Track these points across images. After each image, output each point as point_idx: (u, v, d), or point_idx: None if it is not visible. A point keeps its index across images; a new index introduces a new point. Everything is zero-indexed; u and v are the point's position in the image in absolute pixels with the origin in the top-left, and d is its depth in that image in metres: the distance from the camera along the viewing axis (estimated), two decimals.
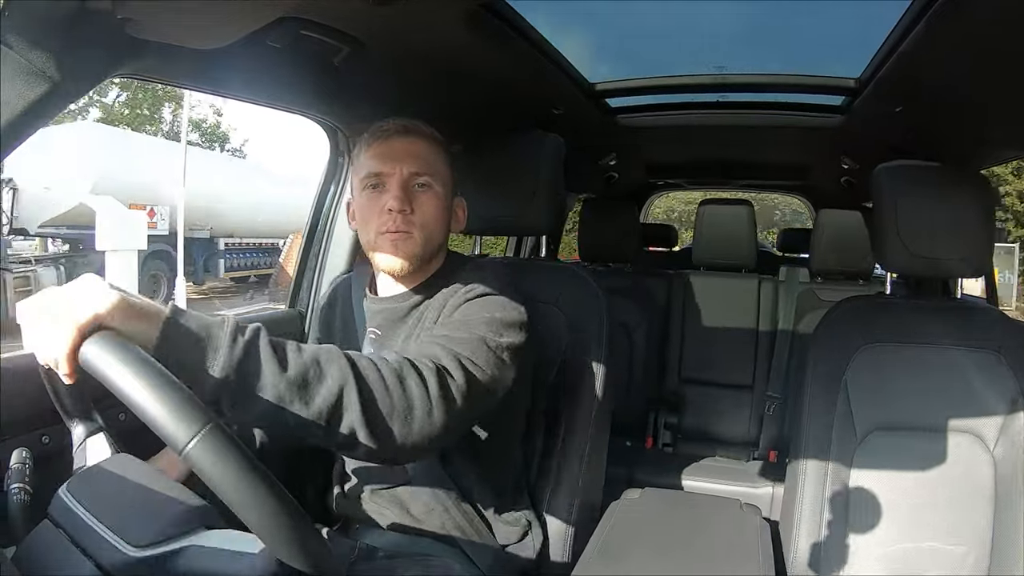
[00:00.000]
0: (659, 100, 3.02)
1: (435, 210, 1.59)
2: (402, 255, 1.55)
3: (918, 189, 1.81)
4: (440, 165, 1.62)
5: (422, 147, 1.60)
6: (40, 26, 1.13)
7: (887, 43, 1.99)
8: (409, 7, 1.57)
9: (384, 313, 1.66)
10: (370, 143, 1.60)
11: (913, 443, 1.76)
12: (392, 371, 1.19)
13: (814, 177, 4.21)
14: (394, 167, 1.55)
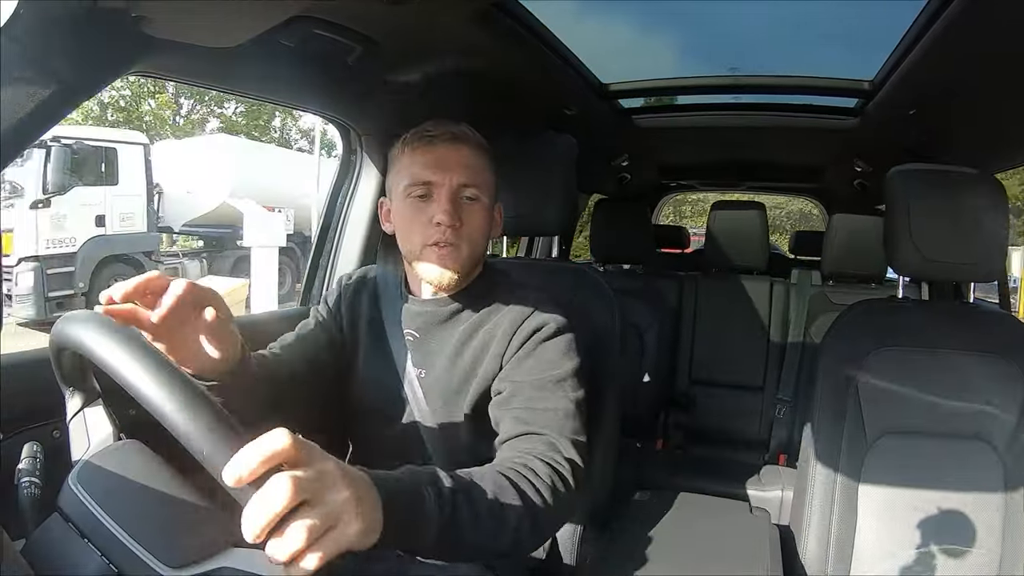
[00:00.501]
0: (671, 101, 3.02)
1: (482, 222, 1.54)
2: (451, 269, 1.50)
3: (931, 192, 1.79)
4: (487, 174, 1.56)
5: (471, 156, 1.53)
6: (54, 24, 1.13)
7: (901, 45, 1.98)
8: (422, 6, 1.57)
9: (424, 316, 1.62)
10: (415, 147, 1.53)
11: (923, 448, 1.75)
12: (548, 487, 1.23)
13: (827, 179, 4.20)
14: (443, 177, 1.49)
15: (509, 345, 1.51)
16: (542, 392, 1.43)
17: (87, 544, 0.92)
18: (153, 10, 1.21)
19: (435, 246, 1.49)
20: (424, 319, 1.62)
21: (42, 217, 11.04)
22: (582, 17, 2.24)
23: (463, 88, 2.20)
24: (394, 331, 1.65)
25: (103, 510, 0.94)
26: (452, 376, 1.56)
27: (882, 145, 2.93)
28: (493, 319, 1.56)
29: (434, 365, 1.59)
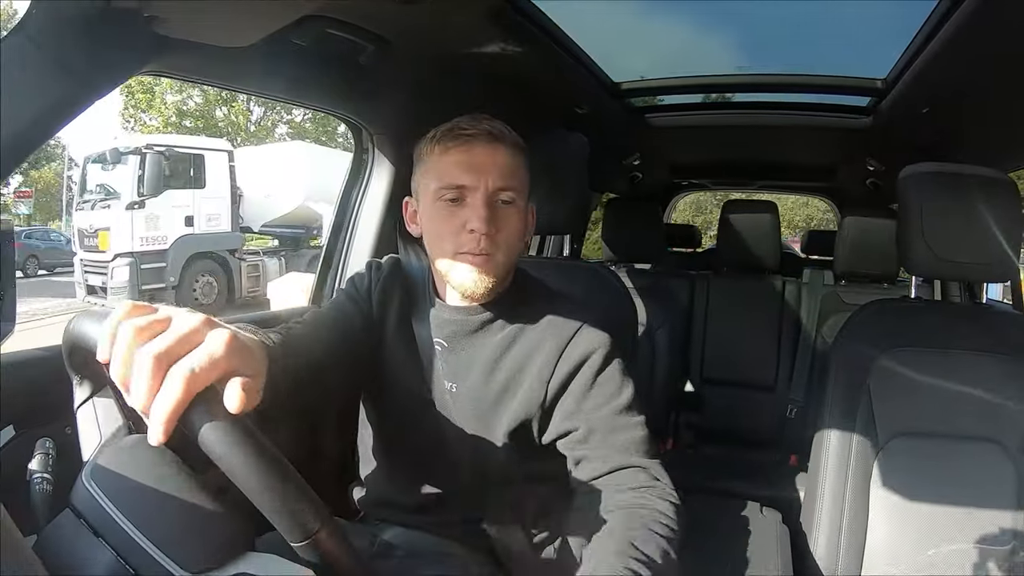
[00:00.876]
0: (683, 100, 3.01)
1: (519, 227, 1.44)
2: (485, 279, 1.41)
3: (944, 191, 1.78)
4: (523, 175, 1.46)
5: (508, 156, 1.42)
6: (67, 24, 1.14)
7: (914, 43, 1.97)
8: (434, 5, 1.58)
9: (453, 325, 1.52)
10: (448, 146, 1.42)
11: (935, 450, 1.74)
12: (674, 523, 1.27)
13: (839, 179, 4.18)
14: (479, 180, 1.38)
15: (555, 372, 1.44)
16: (615, 422, 1.41)
17: (99, 541, 0.92)
18: (165, 10, 1.22)
19: (468, 254, 1.39)
20: (453, 328, 1.52)
21: (137, 217, 12.34)
22: (593, 16, 2.23)
23: (475, 86, 2.20)
24: (422, 336, 1.57)
25: (117, 509, 0.94)
26: (487, 392, 1.49)
27: (895, 144, 2.91)
28: (530, 334, 1.49)
29: (466, 379, 1.51)
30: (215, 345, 0.82)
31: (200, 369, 0.79)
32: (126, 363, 0.79)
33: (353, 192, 2.42)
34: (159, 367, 0.78)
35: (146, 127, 26.69)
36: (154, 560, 0.91)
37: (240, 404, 0.81)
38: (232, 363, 0.83)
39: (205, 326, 0.84)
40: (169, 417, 0.77)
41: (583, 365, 1.43)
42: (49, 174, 34.00)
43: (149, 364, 0.77)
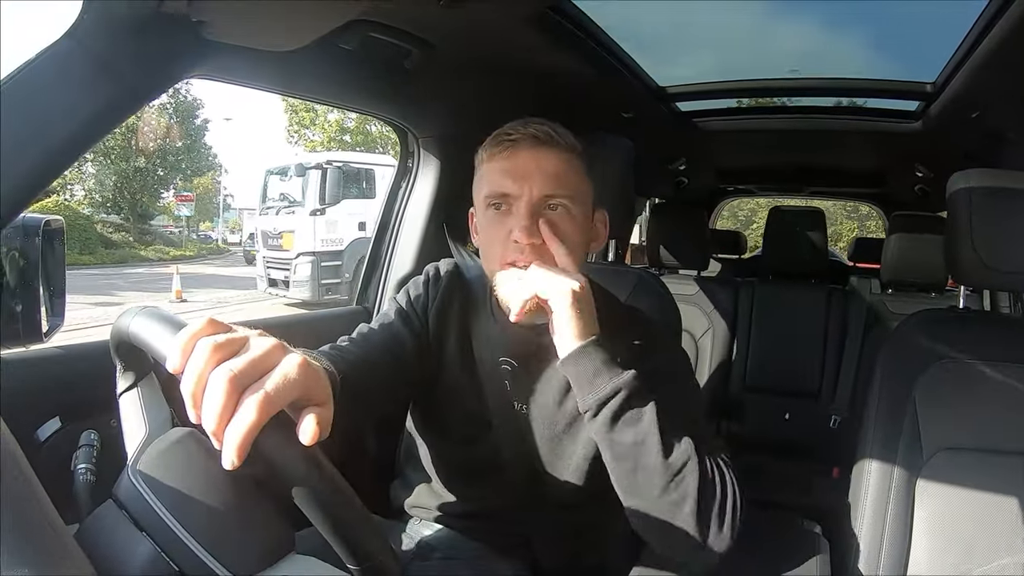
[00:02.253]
0: (730, 104, 2.99)
1: (570, 236, 1.34)
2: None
3: (994, 199, 1.74)
4: (577, 179, 1.39)
5: (556, 161, 1.36)
6: (117, 28, 1.17)
7: (962, 47, 1.94)
8: (477, 9, 1.58)
9: (521, 346, 1.47)
10: (494, 152, 1.38)
11: (982, 465, 1.69)
12: (719, 468, 1.32)
13: (887, 184, 4.13)
14: (522, 187, 1.33)
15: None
16: (686, 413, 1.36)
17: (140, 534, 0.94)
18: (213, 14, 1.24)
19: (512, 266, 1.33)
20: (521, 349, 1.48)
21: (319, 222, 14.24)
22: (638, 19, 2.23)
23: (519, 91, 2.21)
24: (486, 354, 1.52)
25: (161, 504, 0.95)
26: (559, 417, 1.46)
27: (944, 150, 2.87)
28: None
29: (536, 401, 1.47)
30: (290, 370, 0.81)
31: (275, 393, 0.79)
32: (200, 380, 0.79)
33: (399, 194, 2.44)
34: (234, 389, 0.77)
35: (309, 142, 29.12)
36: (197, 558, 0.92)
37: (314, 436, 0.80)
38: (305, 389, 0.83)
39: (279, 350, 0.83)
40: (243, 442, 0.76)
41: (652, 378, 1.32)
42: (207, 180, 35.73)
43: (224, 385, 0.77)
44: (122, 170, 29.72)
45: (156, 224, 33.64)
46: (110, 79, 1.18)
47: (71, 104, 1.15)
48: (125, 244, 27.97)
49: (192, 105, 32.21)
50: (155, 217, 32.83)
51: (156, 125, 30.25)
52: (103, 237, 27.15)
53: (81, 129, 1.17)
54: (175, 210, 32.73)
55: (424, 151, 2.35)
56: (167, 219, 34.60)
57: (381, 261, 2.45)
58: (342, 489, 0.85)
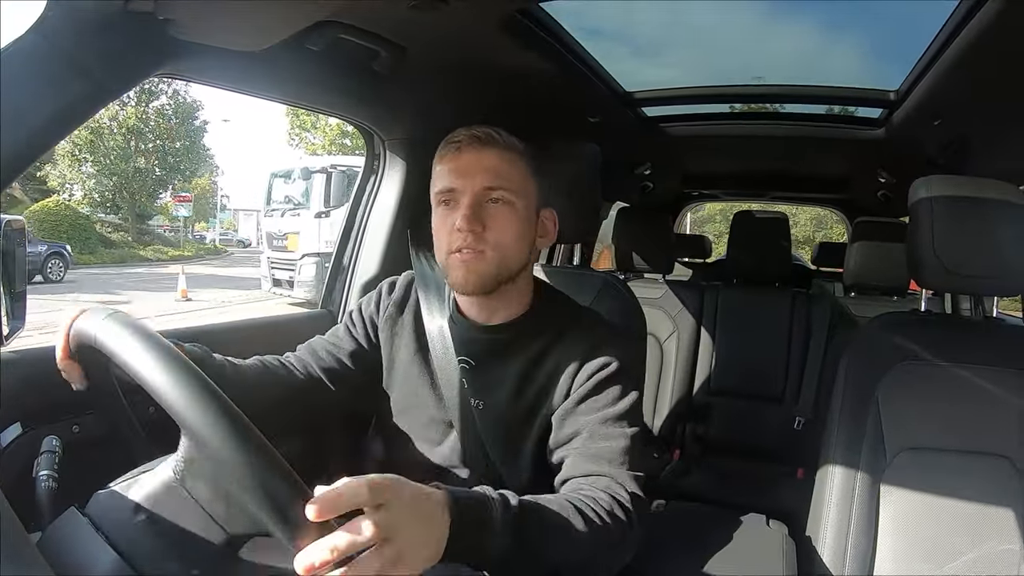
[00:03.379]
0: (696, 110, 3.01)
1: (512, 227, 1.47)
2: (473, 276, 1.45)
3: (955, 204, 1.77)
4: (520, 177, 1.50)
5: (496, 158, 1.47)
6: (83, 25, 1.15)
7: (926, 55, 1.97)
8: (446, 12, 1.58)
9: (480, 344, 1.57)
10: (443, 155, 1.50)
11: (944, 465, 1.72)
12: (609, 514, 1.25)
13: (851, 190, 4.18)
14: (465, 183, 1.45)
15: (574, 383, 1.47)
16: (604, 429, 1.41)
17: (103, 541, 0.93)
18: (180, 12, 1.23)
19: (458, 253, 1.45)
20: (480, 347, 1.57)
21: (324, 224, 14.37)
22: (607, 25, 2.24)
23: (486, 94, 2.21)
24: (443, 355, 1.59)
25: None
26: (515, 411, 1.52)
27: (906, 156, 2.91)
28: (557, 353, 1.52)
29: (492, 398, 1.55)
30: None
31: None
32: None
33: (364, 197, 2.42)
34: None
35: (311, 145, 29.43)
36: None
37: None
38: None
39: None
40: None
41: (598, 373, 1.46)
42: (204, 181, 36.14)
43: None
44: (122, 171, 29.97)
45: (153, 224, 33.96)
46: (77, 75, 1.17)
47: (37, 100, 1.14)
48: (124, 244, 28.31)
49: (191, 107, 32.31)
50: (152, 217, 33.24)
51: (156, 126, 30.69)
52: (102, 237, 27.49)
53: (47, 124, 1.16)
54: (173, 210, 32.89)
55: (390, 153, 2.34)
56: (163, 219, 34.85)
57: (346, 264, 2.44)
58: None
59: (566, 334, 1.52)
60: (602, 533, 1.20)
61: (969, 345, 1.80)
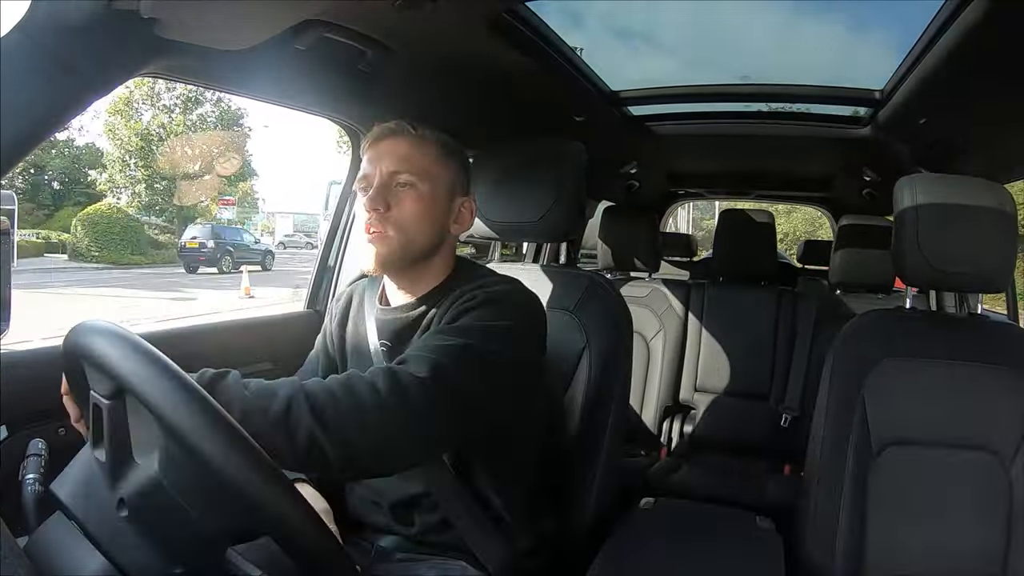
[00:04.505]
0: (682, 109, 3.02)
1: (416, 209, 1.55)
2: (377, 255, 1.53)
3: (940, 202, 1.78)
4: (427, 163, 1.58)
5: (405, 146, 1.57)
6: (67, 24, 1.15)
7: (911, 54, 1.98)
8: (432, 11, 1.58)
9: (393, 324, 1.63)
10: (365, 148, 1.61)
11: (930, 459, 1.74)
12: (337, 380, 1.24)
13: (836, 188, 4.19)
14: (374, 168, 1.55)
15: (442, 321, 1.50)
16: (434, 337, 1.41)
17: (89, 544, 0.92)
18: (164, 11, 1.22)
19: (366, 233, 1.54)
20: (394, 327, 1.63)
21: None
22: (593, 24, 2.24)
23: (474, 93, 2.21)
24: (371, 342, 1.67)
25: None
26: None
27: (891, 155, 2.92)
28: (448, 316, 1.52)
29: None
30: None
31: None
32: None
33: (350, 197, 2.42)
34: None
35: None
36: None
37: None
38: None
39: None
40: None
41: (462, 305, 1.49)
42: (246, 185, 36.50)
43: None
44: (171, 175, 30.51)
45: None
46: (61, 74, 1.17)
47: (21, 99, 1.13)
48: (171, 245, 28.72)
49: (236, 114, 32.79)
50: (195, 219, 32.83)
51: (201, 133, 31.20)
52: (151, 239, 28.21)
53: (30, 125, 1.15)
54: (217, 213, 33.13)
55: None
56: (208, 221, 34.91)
57: (331, 264, 2.43)
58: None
59: (454, 300, 1.54)
60: (312, 395, 1.18)
61: (954, 342, 1.81)
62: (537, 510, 1.72)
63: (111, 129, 29.87)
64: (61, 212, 30.51)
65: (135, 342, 0.91)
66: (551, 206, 2.00)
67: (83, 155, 33.48)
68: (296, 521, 0.90)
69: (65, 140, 32.85)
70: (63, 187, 33.21)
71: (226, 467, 0.85)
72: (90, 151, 33.50)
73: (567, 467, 1.87)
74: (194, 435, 0.86)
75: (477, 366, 1.35)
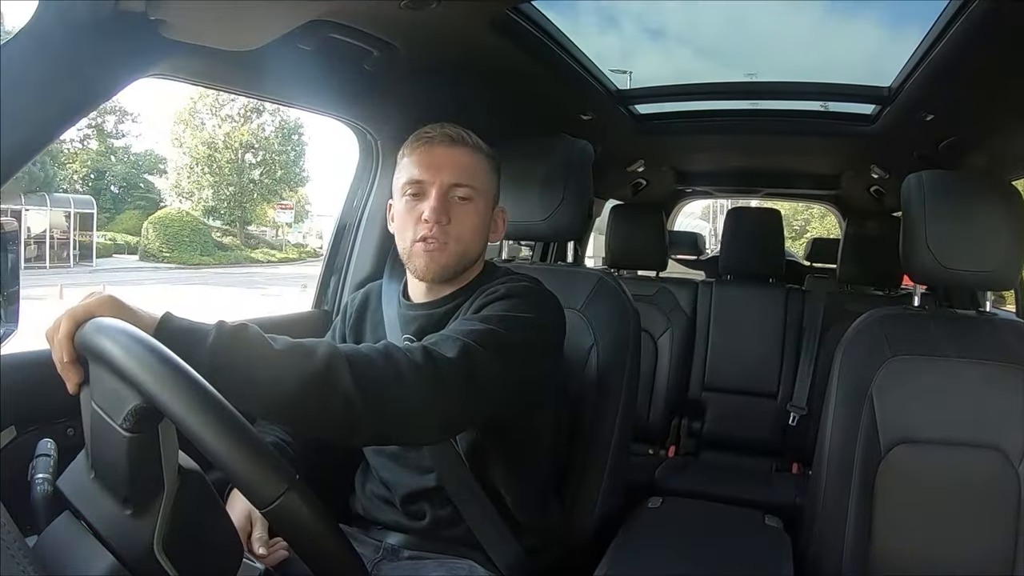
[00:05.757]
0: (688, 107, 3.01)
1: (473, 223, 1.58)
2: (435, 265, 1.55)
3: (948, 199, 1.78)
4: (483, 176, 1.61)
5: (466, 157, 1.58)
6: (74, 26, 1.15)
7: (918, 51, 1.98)
8: (438, 11, 1.58)
9: (420, 320, 1.64)
10: (414, 149, 1.59)
11: (937, 457, 1.73)
12: (375, 348, 1.24)
13: (843, 186, 4.18)
14: (435, 176, 1.55)
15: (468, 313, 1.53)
16: (461, 323, 1.44)
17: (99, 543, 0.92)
18: (171, 13, 1.23)
19: (422, 242, 1.54)
20: (420, 323, 1.64)
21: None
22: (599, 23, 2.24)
23: (479, 92, 2.20)
24: (396, 337, 1.65)
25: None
26: None
27: (899, 152, 2.91)
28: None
29: None
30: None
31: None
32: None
33: (357, 197, 2.42)
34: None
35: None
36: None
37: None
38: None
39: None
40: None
41: (490, 299, 1.52)
42: (303, 191, 38.08)
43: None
44: (237, 182, 32.86)
45: (251, 229, 35.88)
46: (68, 77, 1.17)
47: (29, 102, 1.13)
48: (235, 247, 31.06)
49: (296, 124, 34.51)
50: (251, 223, 35.13)
51: (263, 141, 33.81)
52: (216, 241, 30.01)
53: (37, 128, 1.16)
54: (275, 216, 35.20)
55: (383, 153, 2.33)
56: (260, 224, 36.77)
57: (340, 263, 2.43)
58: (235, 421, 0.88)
59: (480, 295, 1.56)
60: (353, 357, 1.19)
61: (962, 340, 1.80)
62: (546, 507, 1.72)
63: (176, 137, 31.87)
64: (122, 215, 31.83)
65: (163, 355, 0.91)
66: (558, 205, 2.00)
67: (141, 161, 35.07)
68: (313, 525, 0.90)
69: (124, 147, 34.69)
70: (121, 191, 34.34)
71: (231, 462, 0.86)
72: (148, 157, 35.23)
73: (575, 465, 1.88)
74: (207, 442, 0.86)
75: (502, 347, 1.38)
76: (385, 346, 1.26)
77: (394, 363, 1.22)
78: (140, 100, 52.88)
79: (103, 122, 33.89)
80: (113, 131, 34.87)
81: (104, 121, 33.97)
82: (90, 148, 33.74)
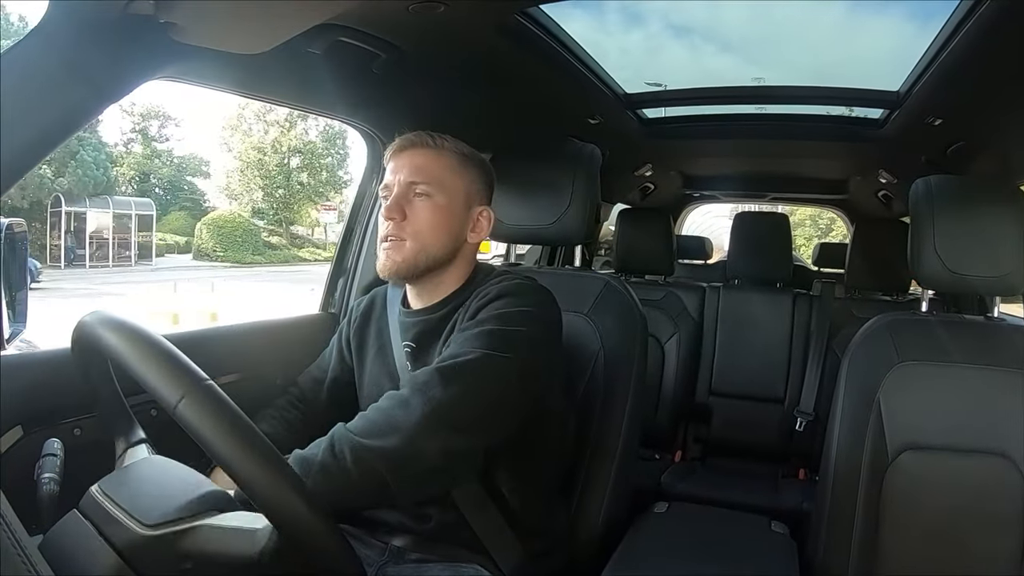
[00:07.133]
0: (696, 111, 3.01)
1: (431, 218, 1.59)
2: (390, 262, 1.58)
3: (956, 204, 1.78)
4: (444, 173, 1.62)
5: (424, 158, 1.62)
6: (84, 29, 1.15)
7: (926, 56, 1.97)
8: (446, 15, 1.58)
9: (418, 326, 1.66)
10: (388, 156, 1.65)
11: (945, 463, 1.72)
12: (372, 406, 1.41)
13: (851, 191, 4.17)
14: (394, 178, 1.60)
15: (464, 317, 1.56)
16: (456, 338, 1.49)
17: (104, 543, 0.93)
18: (180, 16, 1.23)
19: (383, 240, 1.59)
20: (418, 329, 1.66)
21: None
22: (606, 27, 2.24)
23: (486, 96, 2.21)
24: (395, 344, 1.71)
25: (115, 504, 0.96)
26: None
27: (907, 157, 2.90)
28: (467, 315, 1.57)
29: None
30: None
31: None
32: None
33: (365, 199, 2.42)
34: None
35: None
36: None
37: None
38: None
39: None
40: None
41: (483, 305, 1.53)
42: (346, 193, 38.53)
43: None
44: (287, 185, 34.74)
45: (294, 229, 37.29)
46: (78, 79, 1.17)
47: (38, 104, 1.13)
48: (282, 247, 32.58)
49: (340, 130, 35.26)
50: (294, 223, 36.54)
51: (308, 145, 35.48)
52: (265, 241, 31.50)
53: (48, 129, 1.16)
54: (319, 217, 35.93)
55: None
56: (301, 225, 38.04)
57: (347, 266, 2.43)
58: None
59: (475, 298, 1.59)
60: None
61: (971, 345, 1.80)
62: (551, 512, 1.72)
63: (225, 142, 33.66)
64: (168, 216, 32.95)
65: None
66: (565, 209, 2.00)
67: (185, 164, 36.22)
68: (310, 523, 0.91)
69: (167, 150, 35.71)
70: (166, 193, 35.47)
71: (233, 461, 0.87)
72: (192, 160, 36.50)
73: (581, 469, 1.87)
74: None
75: (499, 359, 1.42)
76: (381, 400, 1.40)
77: (383, 409, 1.37)
78: (181, 104, 53.43)
79: (147, 126, 35.01)
80: (157, 135, 35.72)
81: (148, 125, 34.98)
82: (135, 151, 34.64)
